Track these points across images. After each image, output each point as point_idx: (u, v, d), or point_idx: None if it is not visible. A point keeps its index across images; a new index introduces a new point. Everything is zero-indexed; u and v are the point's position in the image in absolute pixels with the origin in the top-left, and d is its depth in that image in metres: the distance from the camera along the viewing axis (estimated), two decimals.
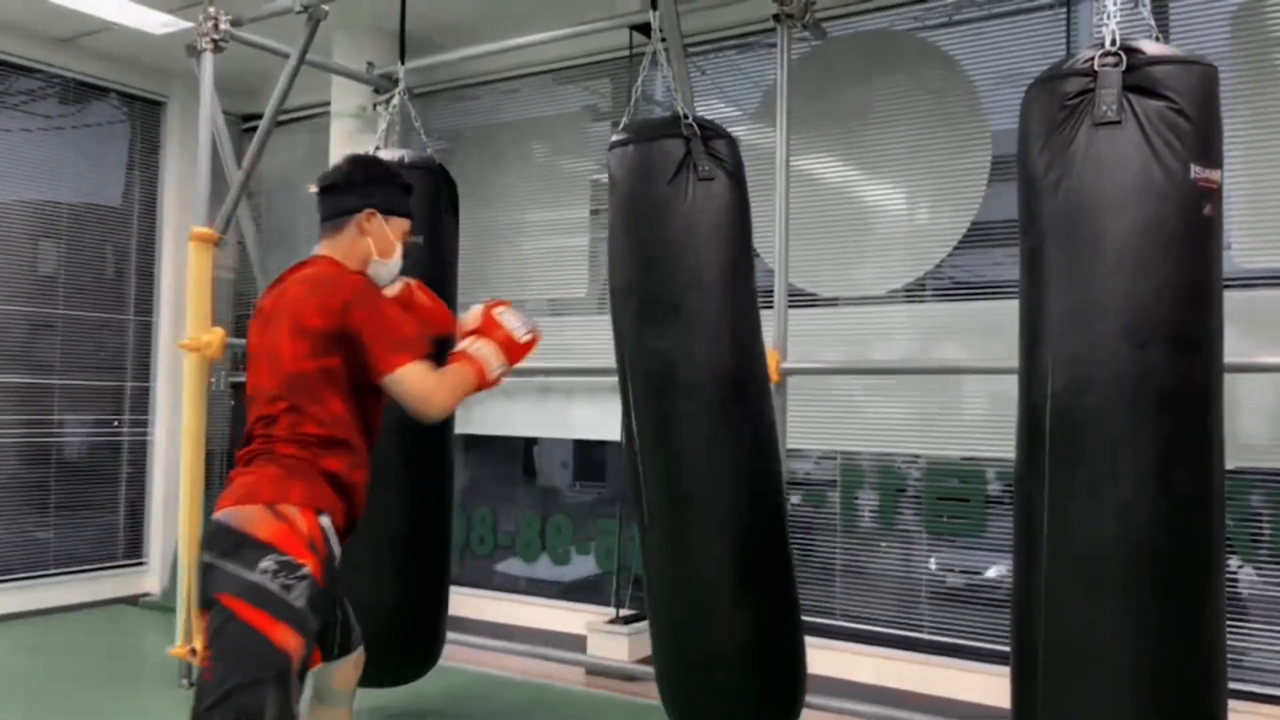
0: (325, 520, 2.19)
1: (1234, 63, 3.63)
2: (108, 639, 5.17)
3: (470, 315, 2.46)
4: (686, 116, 2.69)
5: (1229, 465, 2.08)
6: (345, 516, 2.29)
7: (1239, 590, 3.62)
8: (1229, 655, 2.06)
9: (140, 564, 6.09)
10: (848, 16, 4.37)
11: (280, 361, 2.25)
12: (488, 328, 2.42)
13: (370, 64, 5.01)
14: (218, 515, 2.17)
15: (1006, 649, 2.19)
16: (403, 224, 2.50)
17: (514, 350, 2.42)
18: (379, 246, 2.43)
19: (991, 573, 4.10)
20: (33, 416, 5.67)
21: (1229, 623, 2.08)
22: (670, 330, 2.64)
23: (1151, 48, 2.02)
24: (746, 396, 2.69)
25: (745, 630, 2.65)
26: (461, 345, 2.39)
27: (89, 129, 5.99)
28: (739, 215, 2.76)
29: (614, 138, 2.76)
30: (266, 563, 2.07)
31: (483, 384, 2.36)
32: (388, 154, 3.30)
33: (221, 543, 2.12)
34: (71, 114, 5.90)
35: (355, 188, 2.43)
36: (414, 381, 2.23)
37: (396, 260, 2.50)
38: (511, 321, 2.43)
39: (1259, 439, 3.55)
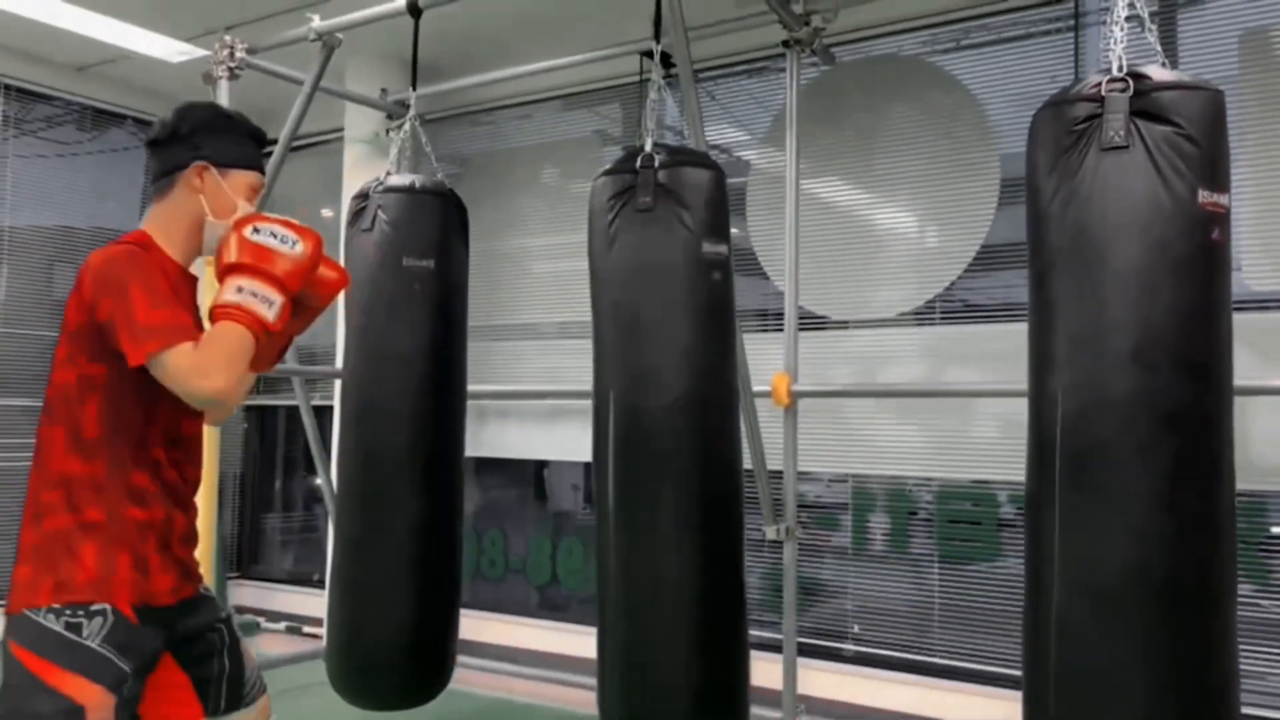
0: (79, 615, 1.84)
1: (1241, 87, 3.65)
2: None
3: (222, 245, 1.93)
4: (644, 148, 2.69)
5: (1240, 488, 2.07)
6: (156, 561, 1.94)
7: (1253, 613, 3.60)
8: (1243, 679, 2.05)
9: None
10: (856, 42, 4.40)
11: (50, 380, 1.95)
12: (246, 256, 1.87)
13: (383, 90, 5.06)
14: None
15: (1018, 673, 2.18)
16: (246, 177, 2.07)
17: (292, 274, 1.89)
18: (214, 205, 2.02)
19: None
20: None
21: (1243, 646, 2.07)
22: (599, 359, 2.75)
23: (1158, 73, 2.04)
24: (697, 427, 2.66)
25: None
26: (217, 296, 1.87)
27: (105, 155, 6.06)
28: (681, 245, 2.67)
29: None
30: (50, 608, 1.83)
31: (263, 331, 1.86)
32: (400, 178, 3.33)
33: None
34: (88, 140, 5.97)
35: (182, 140, 2.02)
36: (172, 367, 1.79)
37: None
38: (274, 238, 1.89)
39: (1270, 462, 3.54)
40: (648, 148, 2.69)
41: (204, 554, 3.75)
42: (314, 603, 5.74)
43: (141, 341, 1.79)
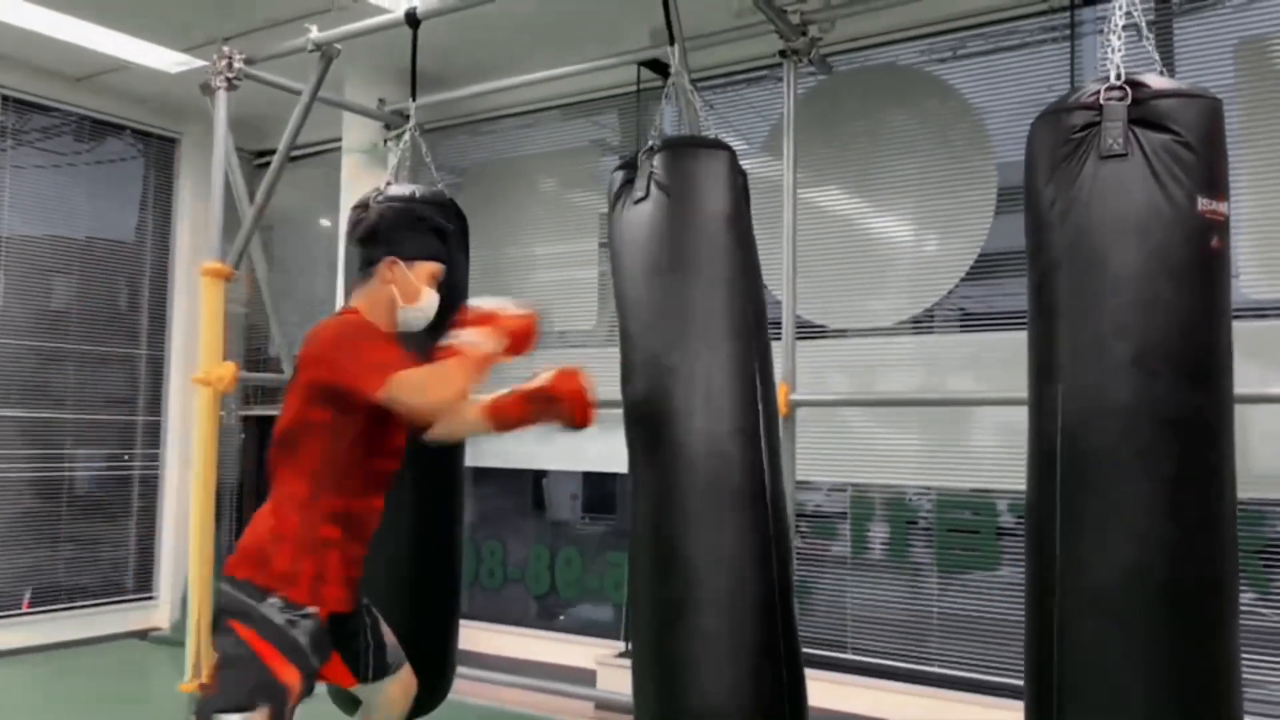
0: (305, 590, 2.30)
1: (1239, 95, 3.66)
2: (117, 674, 5.16)
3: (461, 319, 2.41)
4: (651, 142, 2.63)
5: (1241, 495, 2.07)
6: (335, 572, 2.35)
7: (1256, 621, 3.59)
8: (1245, 686, 2.04)
9: (150, 598, 6.09)
10: (854, 51, 4.41)
11: (283, 416, 2.38)
12: (463, 318, 2.35)
13: (382, 100, 5.07)
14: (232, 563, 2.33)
15: (1020, 682, 2.17)
16: (428, 267, 2.52)
17: (503, 324, 2.35)
18: (402, 291, 2.47)
19: None
20: (44, 450, 5.69)
21: (1245, 653, 2.07)
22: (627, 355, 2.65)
23: (1156, 81, 2.04)
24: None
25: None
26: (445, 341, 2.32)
27: (103, 165, 6.07)
28: (667, 230, 2.59)
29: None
30: (273, 598, 2.25)
31: (478, 358, 2.27)
32: (398, 189, 3.33)
33: (232, 581, 2.30)
34: (86, 151, 5.97)
35: (379, 237, 2.50)
36: (402, 384, 2.19)
37: (423, 304, 2.52)
38: (493, 304, 2.39)
39: (1272, 469, 3.54)
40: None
41: (202, 564, 3.74)
42: None
43: (369, 378, 2.19)
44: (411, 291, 2.49)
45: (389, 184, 3.39)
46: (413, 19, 3.52)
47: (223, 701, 2.17)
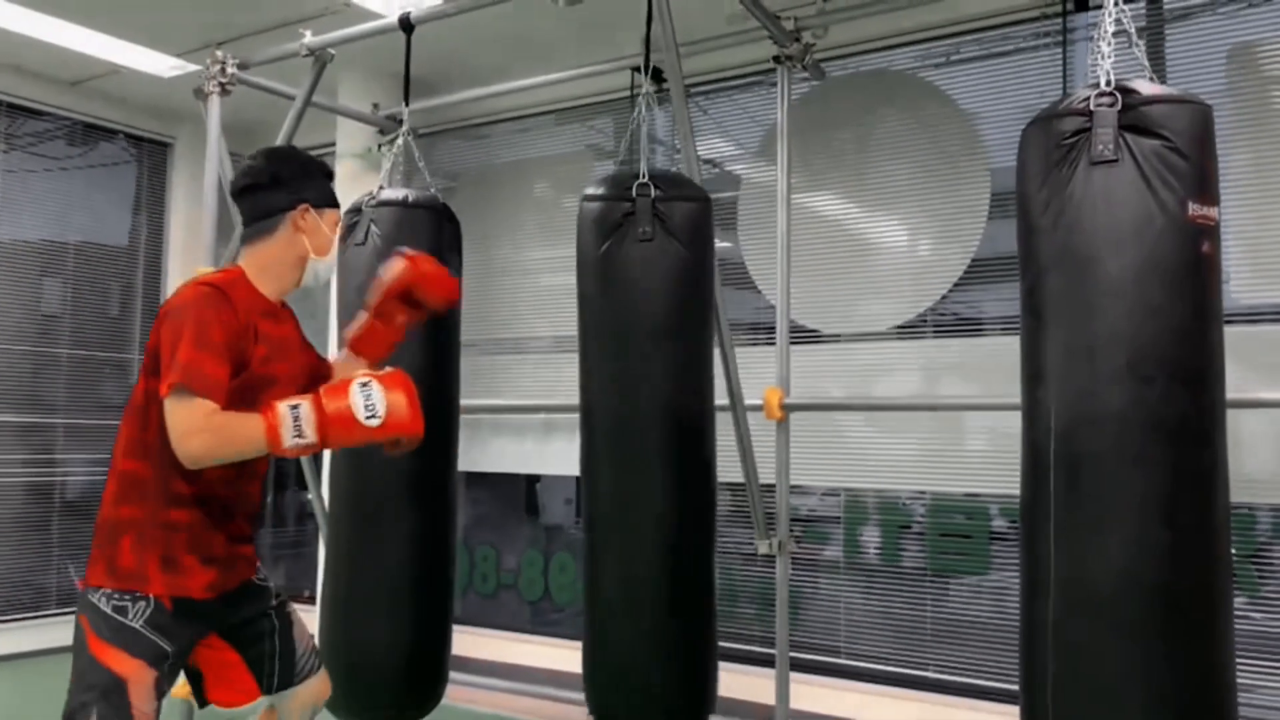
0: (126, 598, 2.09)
1: (1230, 101, 3.67)
2: None
3: (340, 372, 2.29)
4: (640, 177, 2.72)
5: (1234, 499, 2.07)
6: (190, 556, 2.13)
7: (1248, 625, 3.60)
8: (1238, 691, 2.05)
9: None
10: (847, 57, 4.42)
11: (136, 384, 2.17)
12: (330, 392, 2.04)
13: (375, 105, 5.06)
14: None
15: (1014, 686, 2.18)
16: (334, 215, 2.32)
17: (343, 432, 2.01)
18: (315, 244, 2.26)
19: None
20: (36, 455, 5.68)
21: (1238, 658, 2.07)
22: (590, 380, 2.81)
23: (1147, 88, 2.05)
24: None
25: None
26: (285, 400, 2.03)
27: (96, 170, 6.06)
28: (680, 275, 2.74)
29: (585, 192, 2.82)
30: (103, 590, 2.09)
31: (274, 448, 2.00)
32: (392, 193, 3.33)
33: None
34: (79, 155, 5.96)
35: (282, 183, 2.23)
36: (177, 414, 1.96)
37: (333, 256, 2.34)
38: (364, 403, 2.03)
39: (1263, 474, 3.55)
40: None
41: None
42: (305, 619, 5.70)
43: (169, 376, 1.97)
44: (324, 243, 2.27)
45: (382, 189, 3.39)
46: (406, 24, 3.52)
47: (67, 707, 2.04)
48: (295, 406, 2.00)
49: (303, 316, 2.45)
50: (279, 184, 2.23)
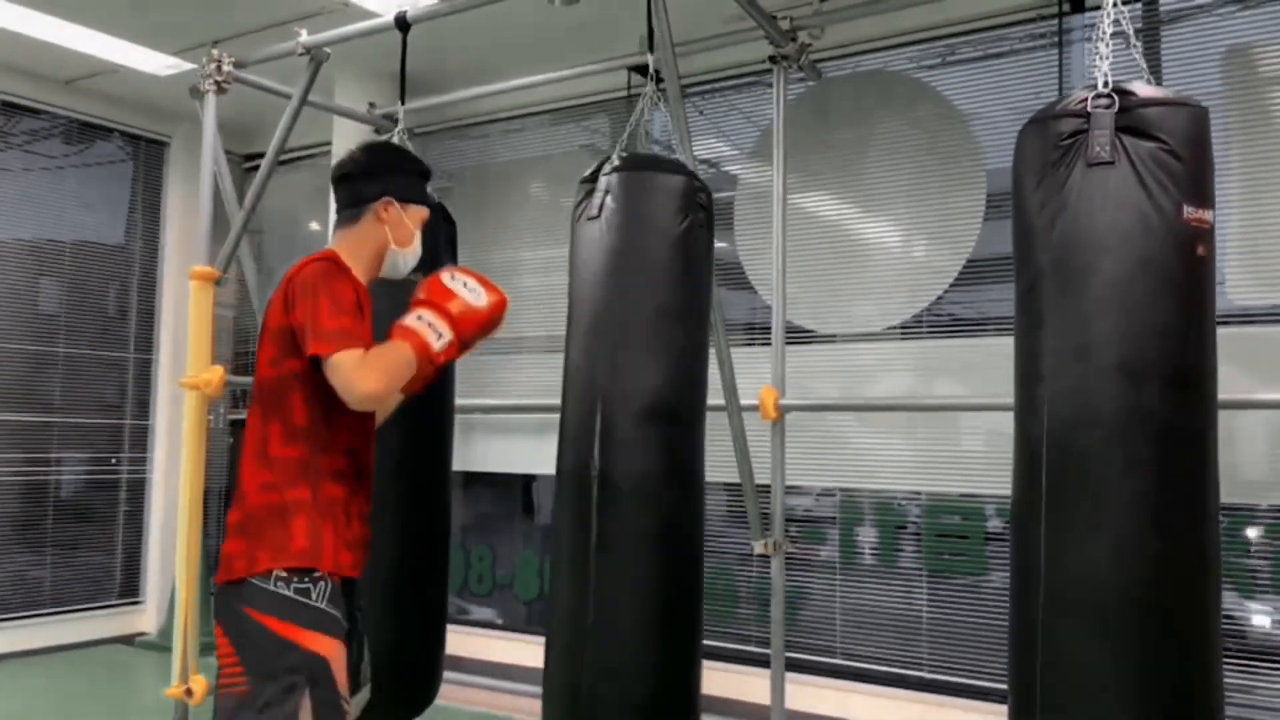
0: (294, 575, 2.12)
1: (1225, 103, 3.68)
2: (103, 679, 5.13)
3: (420, 285, 2.27)
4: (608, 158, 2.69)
5: (1225, 501, 2.08)
6: (346, 535, 2.21)
7: (1238, 627, 3.61)
8: (1227, 693, 2.05)
9: (136, 603, 6.06)
10: (844, 57, 4.43)
11: (258, 369, 2.22)
12: (434, 295, 2.19)
13: (371, 105, 5.06)
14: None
15: (1005, 686, 2.18)
16: (421, 212, 2.43)
17: (468, 318, 2.19)
18: (396, 235, 2.36)
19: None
20: (31, 454, 5.67)
21: (1226, 660, 2.08)
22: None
23: (1143, 89, 2.05)
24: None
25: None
26: (399, 320, 2.17)
27: (92, 168, 6.05)
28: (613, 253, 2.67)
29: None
30: (277, 574, 2.09)
31: (427, 358, 2.14)
32: None
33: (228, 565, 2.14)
34: (75, 154, 5.95)
35: (372, 176, 2.36)
36: (338, 368, 2.06)
37: (416, 249, 2.42)
38: (464, 286, 2.21)
39: (1254, 475, 3.56)
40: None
41: (189, 568, 3.72)
42: None
43: (319, 342, 2.07)
44: (406, 235, 2.38)
45: None
46: (402, 23, 3.52)
47: (260, 698, 2.01)
48: (418, 317, 2.15)
49: None
50: (369, 176, 2.36)
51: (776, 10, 3.60)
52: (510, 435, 5.19)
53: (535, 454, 5.19)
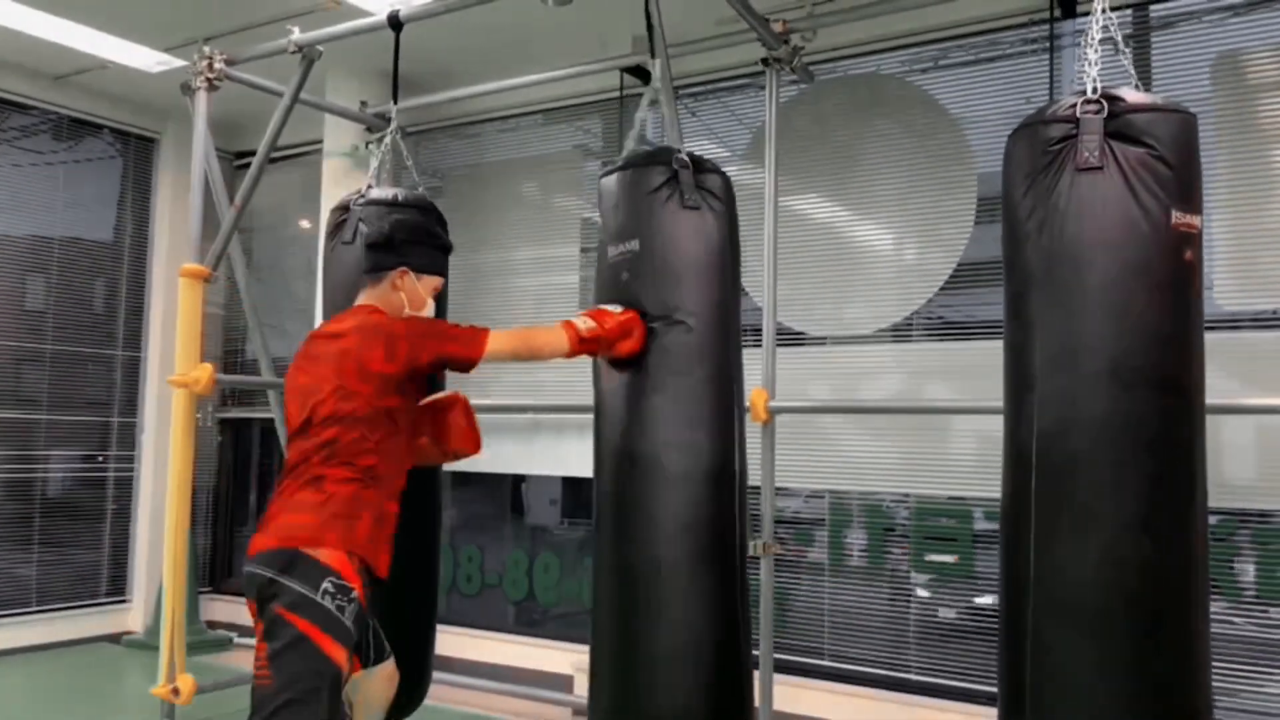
0: (357, 562, 2.41)
1: (1214, 109, 3.70)
2: (89, 677, 5.11)
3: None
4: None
5: (1212, 504, 2.09)
6: (385, 545, 2.51)
7: (1225, 629, 3.62)
8: (1215, 694, 2.06)
9: (123, 601, 6.03)
10: (836, 61, 4.44)
11: (323, 399, 2.45)
12: (587, 311, 2.60)
13: (363, 103, 5.05)
14: (276, 541, 2.38)
15: (994, 689, 2.19)
16: (434, 281, 2.75)
17: (605, 315, 2.55)
18: (410, 300, 2.68)
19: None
20: (18, 451, 5.64)
21: (1215, 661, 2.09)
22: None
23: (1133, 96, 2.06)
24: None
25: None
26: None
27: (82, 165, 6.02)
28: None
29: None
30: (326, 584, 2.33)
31: (577, 337, 2.52)
32: (379, 192, 3.32)
33: (280, 561, 2.35)
34: (64, 150, 5.92)
35: (393, 247, 2.67)
36: (498, 343, 2.53)
37: (429, 311, 2.74)
38: (605, 306, 2.61)
39: (1242, 479, 3.58)
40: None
41: (177, 568, 3.71)
42: None
43: (474, 344, 2.51)
44: (418, 302, 2.70)
45: (370, 187, 3.39)
46: (395, 22, 3.52)
47: (289, 691, 2.26)
48: (576, 318, 2.58)
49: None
50: (390, 247, 2.67)
51: (769, 13, 3.60)
52: (499, 436, 5.19)
53: (525, 454, 5.19)
